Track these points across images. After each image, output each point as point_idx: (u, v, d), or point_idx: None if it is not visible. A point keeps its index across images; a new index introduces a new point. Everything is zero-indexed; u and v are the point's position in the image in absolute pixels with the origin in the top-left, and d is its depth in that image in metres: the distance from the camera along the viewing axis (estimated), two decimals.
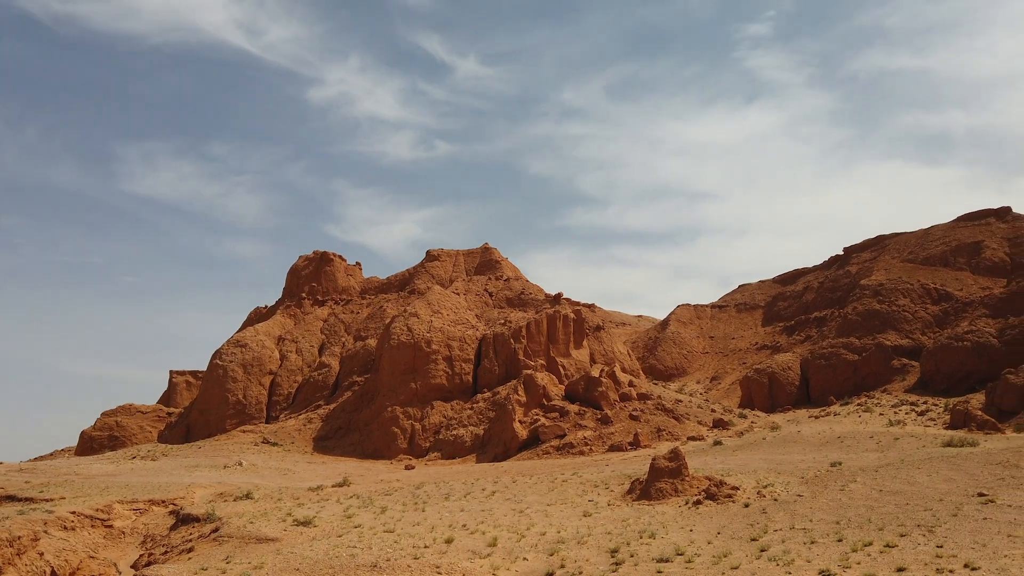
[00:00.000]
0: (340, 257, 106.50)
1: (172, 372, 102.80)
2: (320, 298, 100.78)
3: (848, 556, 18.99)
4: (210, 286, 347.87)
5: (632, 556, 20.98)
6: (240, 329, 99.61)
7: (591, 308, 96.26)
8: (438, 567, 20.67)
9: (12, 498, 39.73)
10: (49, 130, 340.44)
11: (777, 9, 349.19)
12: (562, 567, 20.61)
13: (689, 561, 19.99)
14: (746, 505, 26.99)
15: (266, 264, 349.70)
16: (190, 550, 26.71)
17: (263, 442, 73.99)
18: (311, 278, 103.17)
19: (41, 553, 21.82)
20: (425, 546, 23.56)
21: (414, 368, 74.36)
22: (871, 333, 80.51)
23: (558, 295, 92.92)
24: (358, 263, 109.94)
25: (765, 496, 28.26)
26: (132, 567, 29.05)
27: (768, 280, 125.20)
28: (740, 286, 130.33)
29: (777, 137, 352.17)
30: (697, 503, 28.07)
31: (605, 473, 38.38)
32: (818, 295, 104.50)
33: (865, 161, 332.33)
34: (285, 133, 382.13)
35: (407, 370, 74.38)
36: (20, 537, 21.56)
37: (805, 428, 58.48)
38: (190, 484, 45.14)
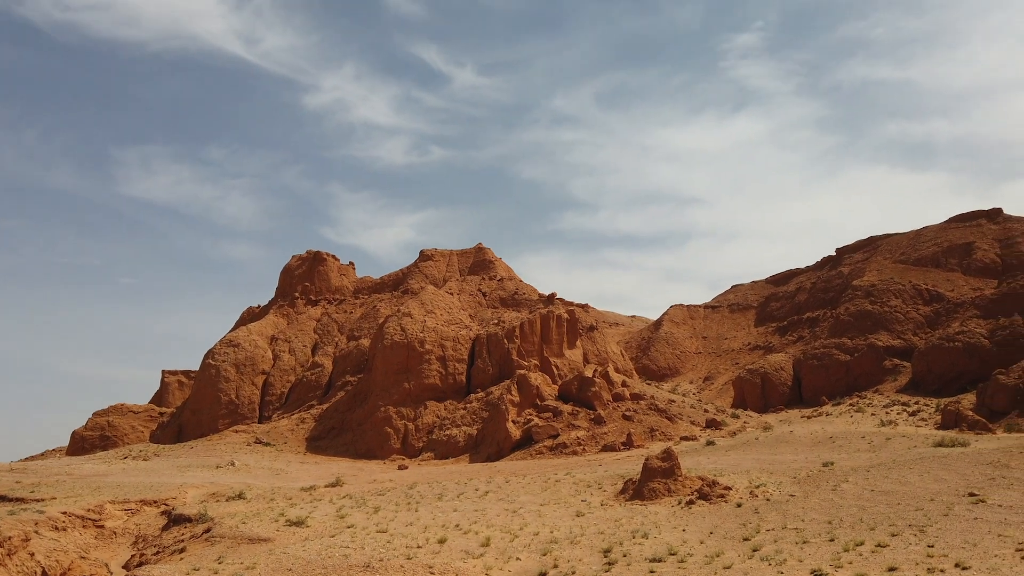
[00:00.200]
0: (333, 257, 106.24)
1: (164, 372, 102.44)
2: (313, 298, 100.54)
3: (840, 556, 19.08)
4: (206, 288, 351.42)
5: (625, 556, 21.01)
6: (233, 329, 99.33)
7: (585, 308, 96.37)
8: (431, 567, 20.66)
9: (3, 498, 39.51)
10: (48, 134, 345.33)
11: (765, 20, 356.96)
12: (555, 567, 20.62)
13: (682, 561, 20.04)
14: (739, 505, 27.07)
15: (261, 266, 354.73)
16: (182, 550, 26.62)
17: (256, 442, 73.79)
18: (304, 278, 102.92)
19: (32, 554, 21.71)
20: (418, 546, 23.54)
21: (407, 368, 74.28)
22: (863, 334, 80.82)
23: (552, 295, 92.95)
24: (351, 263, 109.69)
25: (757, 496, 28.35)
26: (124, 567, 28.94)
27: (761, 281, 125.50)
28: (733, 286, 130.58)
29: (764, 144, 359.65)
30: (690, 503, 28.14)
31: (598, 473, 38.42)
32: (810, 296, 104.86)
33: (851, 167, 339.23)
34: (281, 138, 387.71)
35: (400, 370, 74.29)
36: (11, 537, 21.44)
37: (797, 428, 58.66)
38: (182, 484, 44.99)
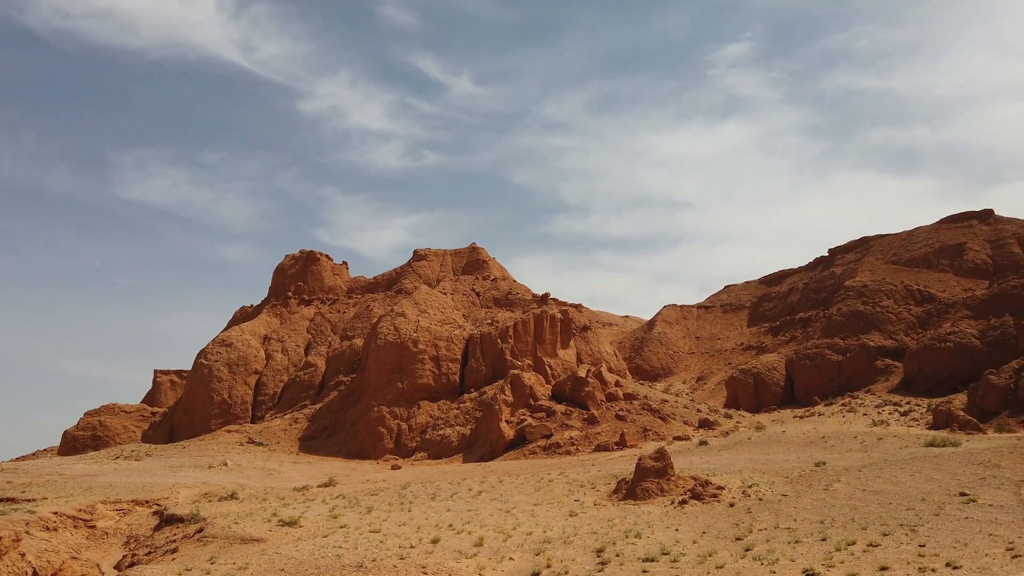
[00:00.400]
0: (327, 256, 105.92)
1: (156, 371, 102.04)
2: (306, 297, 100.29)
3: (832, 555, 19.15)
4: (202, 289, 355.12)
5: (618, 556, 21.04)
6: (226, 328, 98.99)
7: (578, 308, 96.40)
8: (424, 567, 20.65)
9: None
10: (46, 137, 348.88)
11: (753, 31, 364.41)
12: (548, 567, 20.64)
13: (674, 560, 20.08)
14: (731, 505, 27.14)
15: (256, 267, 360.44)
16: (174, 551, 26.53)
17: (248, 442, 73.57)
18: (297, 277, 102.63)
19: (23, 554, 21.60)
20: (411, 546, 23.52)
21: (401, 368, 74.18)
22: (855, 334, 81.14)
23: (545, 295, 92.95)
24: (345, 262, 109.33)
25: (750, 496, 28.43)
26: (115, 568, 28.82)
27: (754, 281, 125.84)
28: (726, 287, 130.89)
29: (753, 150, 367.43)
30: (683, 503, 28.20)
31: (591, 473, 38.47)
32: (803, 296, 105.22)
33: (838, 173, 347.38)
34: (277, 143, 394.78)
35: (394, 370, 74.17)
36: (1, 538, 21.33)
37: (790, 428, 58.86)
38: (174, 484, 44.82)
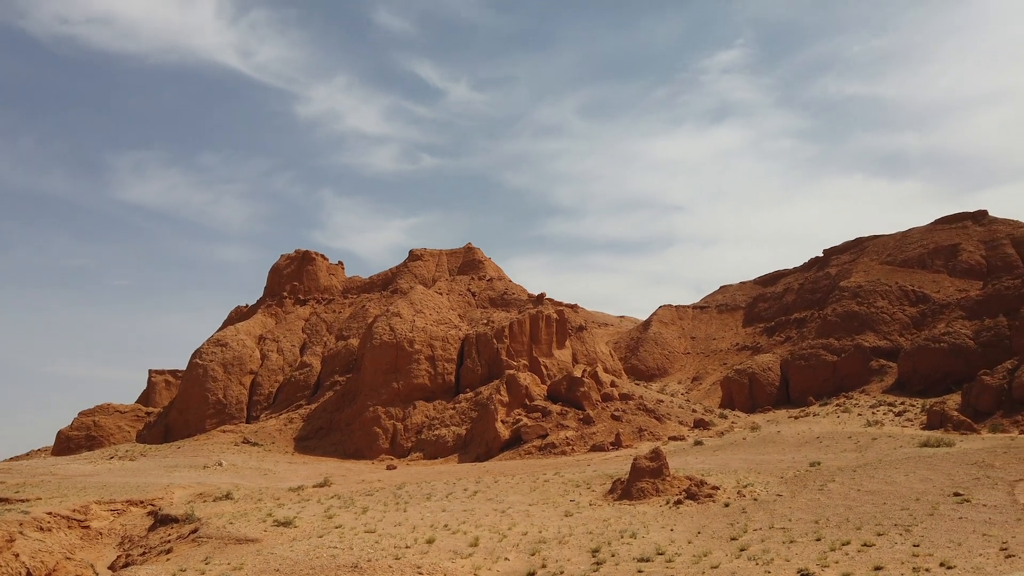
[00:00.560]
0: (322, 256, 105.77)
1: (151, 371, 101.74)
2: (302, 297, 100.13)
3: (826, 555, 19.19)
4: (198, 290, 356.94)
5: (613, 556, 21.06)
6: (221, 328, 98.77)
7: (574, 309, 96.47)
8: (419, 567, 20.63)
9: None
10: (44, 140, 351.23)
11: (745, 37, 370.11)
12: (543, 567, 20.64)
13: (670, 561, 20.10)
14: (726, 505, 27.19)
15: (253, 268, 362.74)
16: (169, 551, 26.46)
17: (243, 442, 73.42)
18: (293, 277, 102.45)
19: (16, 554, 21.51)
20: (406, 546, 23.50)
21: (396, 368, 74.12)
22: (850, 334, 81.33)
23: (541, 295, 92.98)
24: (340, 262, 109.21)
25: (745, 496, 28.48)
26: (110, 568, 28.74)
27: (749, 282, 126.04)
28: (721, 287, 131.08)
29: (745, 154, 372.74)
30: (678, 503, 28.23)
31: (587, 473, 38.49)
32: (798, 296, 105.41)
33: (829, 176, 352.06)
34: (273, 146, 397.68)
35: (389, 370, 74.12)
36: None
37: (785, 428, 58.97)
38: (169, 484, 44.72)
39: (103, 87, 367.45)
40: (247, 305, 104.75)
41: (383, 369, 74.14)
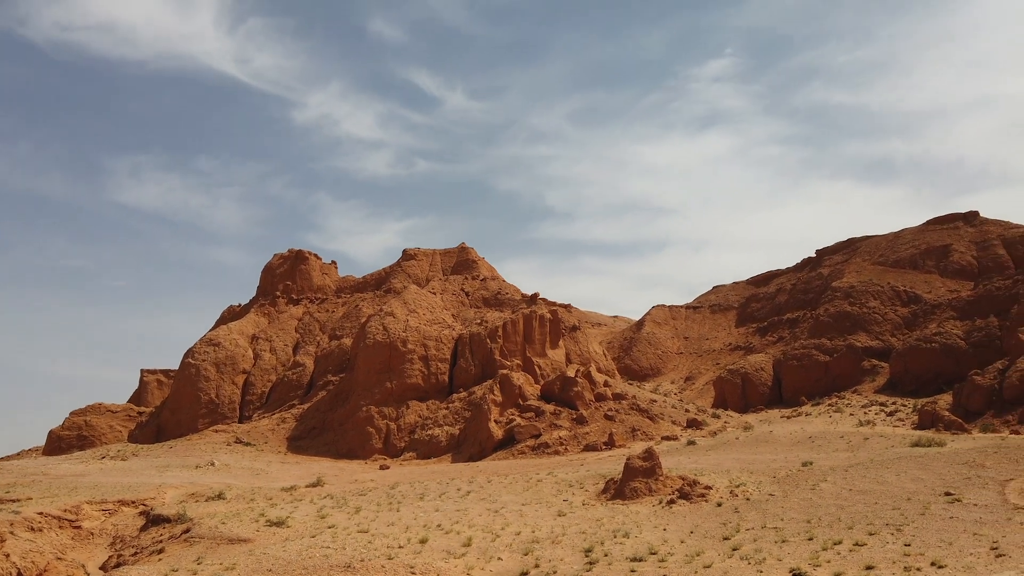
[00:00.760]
0: (315, 256, 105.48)
1: (143, 371, 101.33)
2: (295, 297, 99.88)
3: (818, 554, 19.27)
4: (194, 291, 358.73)
5: (606, 555, 21.09)
6: (213, 327, 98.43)
7: (567, 308, 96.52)
8: (412, 567, 20.62)
9: None
10: (42, 144, 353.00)
11: (735, 47, 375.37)
12: (536, 567, 20.65)
13: (662, 560, 20.15)
14: (719, 504, 27.25)
15: (249, 271, 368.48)
16: (161, 551, 26.37)
17: (236, 442, 73.19)
18: (286, 276, 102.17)
19: (7, 555, 21.41)
20: (399, 546, 23.47)
21: (390, 367, 74.00)
22: (842, 334, 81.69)
23: (534, 295, 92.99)
24: (333, 262, 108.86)
25: (737, 495, 28.56)
26: (101, 568, 28.62)
27: (741, 282, 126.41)
28: (714, 287, 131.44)
29: (735, 159, 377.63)
30: (671, 502, 28.28)
31: (580, 473, 38.52)
32: (791, 297, 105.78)
33: (817, 181, 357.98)
34: (269, 150, 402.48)
35: (382, 369, 74.00)
36: None
37: (777, 428, 59.17)
38: (161, 484, 44.54)
39: (102, 92, 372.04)
40: (240, 304, 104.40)
41: (376, 369, 74.01)
